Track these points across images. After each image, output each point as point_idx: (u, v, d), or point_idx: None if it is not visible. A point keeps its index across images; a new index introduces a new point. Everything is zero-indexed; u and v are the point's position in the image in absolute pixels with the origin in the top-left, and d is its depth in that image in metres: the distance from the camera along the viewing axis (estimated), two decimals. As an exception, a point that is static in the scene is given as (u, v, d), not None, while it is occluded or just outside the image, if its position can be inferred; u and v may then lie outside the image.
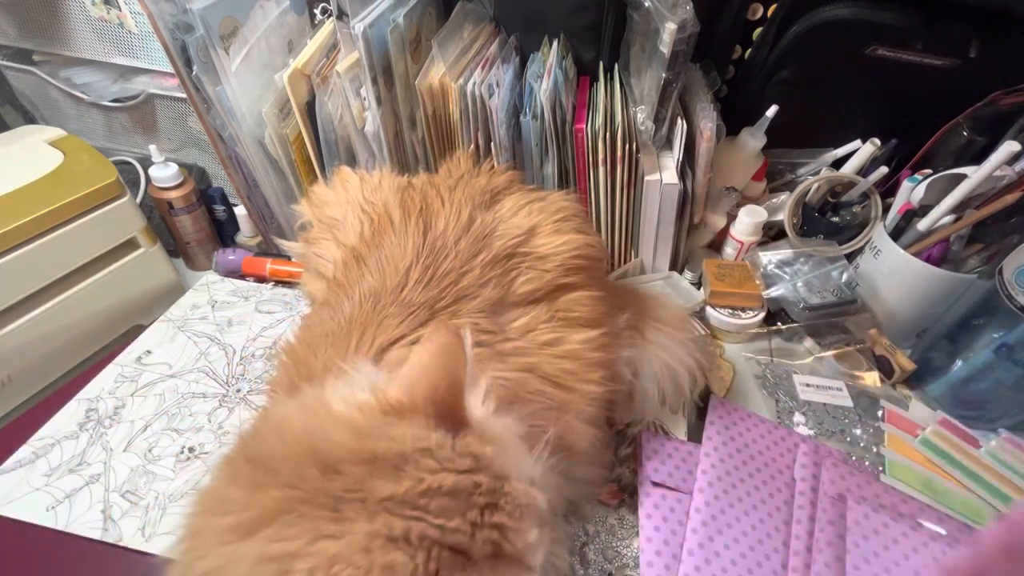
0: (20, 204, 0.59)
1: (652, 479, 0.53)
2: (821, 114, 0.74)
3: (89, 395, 0.61)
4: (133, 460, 0.55)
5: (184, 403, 0.61)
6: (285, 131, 0.69)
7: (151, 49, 0.74)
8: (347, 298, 0.44)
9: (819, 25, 0.64)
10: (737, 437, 0.57)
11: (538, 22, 0.69)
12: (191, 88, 0.63)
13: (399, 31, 0.63)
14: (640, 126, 0.62)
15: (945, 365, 0.63)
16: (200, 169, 0.84)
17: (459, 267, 0.44)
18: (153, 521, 0.51)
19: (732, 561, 0.48)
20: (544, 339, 0.45)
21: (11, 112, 0.87)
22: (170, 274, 0.75)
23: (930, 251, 0.63)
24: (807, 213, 0.75)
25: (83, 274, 0.65)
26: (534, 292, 0.46)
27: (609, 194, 0.68)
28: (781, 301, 0.70)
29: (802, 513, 0.51)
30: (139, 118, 0.82)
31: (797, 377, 0.66)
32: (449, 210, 0.47)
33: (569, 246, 0.49)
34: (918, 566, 0.47)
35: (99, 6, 0.71)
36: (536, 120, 0.62)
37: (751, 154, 0.74)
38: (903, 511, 0.52)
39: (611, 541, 0.50)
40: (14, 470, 0.54)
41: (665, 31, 0.55)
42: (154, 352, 0.66)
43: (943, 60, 0.64)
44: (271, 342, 0.68)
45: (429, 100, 0.65)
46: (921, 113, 0.70)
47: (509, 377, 0.41)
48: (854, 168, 0.72)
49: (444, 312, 0.42)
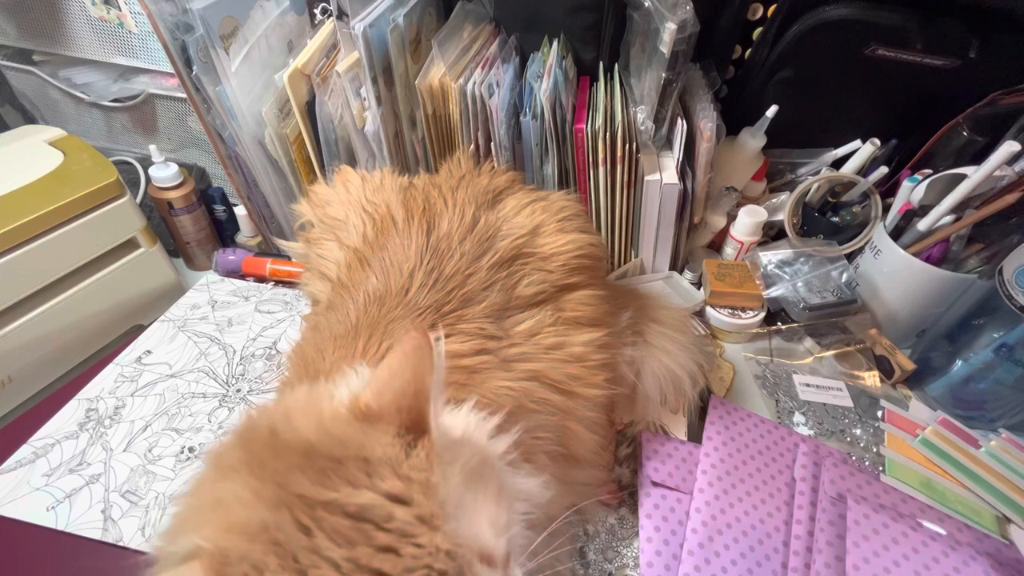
0: (20, 204, 0.59)
1: (652, 479, 0.53)
2: (821, 114, 0.74)
3: (89, 395, 0.61)
4: (133, 460, 0.55)
5: (184, 403, 0.61)
6: (285, 131, 0.69)
7: (151, 49, 0.74)
8: (352, 301, 0.43)
9: (819, 25, 0.64)
10: (737, 437, 0.57)
11: (538, 22, 0.69)
12: (191, 88, 0.63)
13: (399, 31, 0.63)
14: (640, 126, 0.62)
15: (945, 365, 0.63)
16: (200, 169, 0.84)
17: (464, 269, 0.44)
18: (153, 521, 0.51)
19: (732, 561, 0.48)
20: (549, 343, 0.45)
21: (11, 112, 0.87)
22: (170, 274, 0.75)
23: (930, 251, 0.63)
24: (807, 213, 0.75)
25: (83, 274, 0.65)
26: (538, 294, 0.46)
27: (609, 194, 0.68)
28: (781, 301, 0.70)
29: (802, 513, 0.51)
30: (139, 118, 0.82)
31: (797, 377, 0.66)
32: (453, 211, 0.47)
33: (573, 245, 0.49)
34: (918, 566, 0.47)
35: (99, 6, 0.71)
36: (536, 120, 0.62)
37: (751, 154, 0.74)
38: (903, 511, 0.52)
39: (611, 541, 0.50)
40: (14, 470, 0.54)
41: (665, 31, 0.55)
42: (154, 352, 0.66)
43: (943, 60, 0.64)
44: (271, 342, 0.68)
45: (429, 100, 0.65)
46: (921, 113, 0.70)
47: (515, 388, 0.41)
48: (854, 168, 0.72)
49: (450, 316, 0.42)
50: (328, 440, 0.27)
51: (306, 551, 0.24)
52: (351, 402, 0.30)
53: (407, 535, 0.25)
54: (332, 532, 0.24)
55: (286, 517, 0.25)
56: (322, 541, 0.24)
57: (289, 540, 0.24)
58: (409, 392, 0.28)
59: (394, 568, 0.24)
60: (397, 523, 0.25)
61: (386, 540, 0.25)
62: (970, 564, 0.47)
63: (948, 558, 0.48)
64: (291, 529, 0.24)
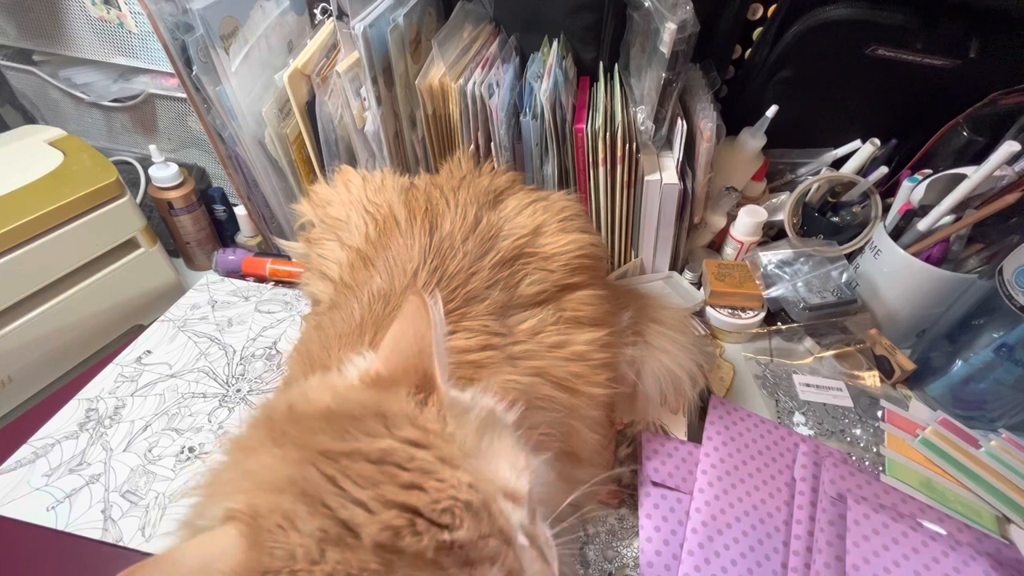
0: (20, 204, 0.59)
1: (652, 479, 0.53)
2: (821, 114, 0.74)
3: (89, 395, 0.61)
4: (133, 460, 0.55)
5: (184, 403, 0.61)
6: (285, 131, 0.69)
7: (151, 49, 0.74)
8: (356, 300, 0.44)
9: (819, 25, 0.64)
10: (737, 437, 0.57)
11: (538, 22, 0.69)
12: (191, 88, 0.63)
13: (399, 31, 0.63)
14: (640, 126, 0.62)
15: (945, 365, 0.63)
16: (200, 169, 0.84)
17: (467, 268, 0.44)
18: (153, 521, 0.51)
19: (732, 561, 0.48)
20: (551, 341, 0.45)
21: (11, 112, 0.87)
22: (170, 274, 0.75)
23: (930, 251, 0.63)
24: (807, 213, 0.75)
25: (83, 274, 0.65)
26: (540, 293, 0.47)
27: (609, 194, 0.68)
28: (781, 301, 0.70)
29: (802, 513, 0.51)
30: (139, 118, 0.82)
31: (797, 377, 0.66)
32: (455, 211, 0.47)
33: (575, 245, 0.49)
34: (918, 566, 0.47)
35: (99, 6, 0.71)
36: (536, 120, 0.62)
37: (751, 154, 0.74)
38: (903, 511, 0.52)
39: (611, 541, 0.50)
40: (14, 470, 0.54)
41: (665, 31, 0.55)
42: (154, 352, 0.66)
43: (943, 60, 0.64)
44: (271, 342, 0.68)
45: (429, 100, 0.65)
46: (921, 113, 0.70)
47: (522, 381, 0.41)
48: (854, 168, 0.72)
49: (455, 313, 0.42)
50: (346, 404, 0.29)
51: (333, 495, 0.25)
52: (363, 375, 0.31)
53: (429, 472, 0.26)
54: (357, 477, 0.25)
55: (311, 471, 0.26)
56: (348, 485, 0.25)
57: (316, 488, 0.25)
58: (414, 352, 0.30)
59: (419, 501, 0.25)
60: (419, 462, 0.26)
61: (409, 478, 0.25)
62: (970, 564, 0.47)
63: (948, 558, 0.48)
64: (317, 479, 0.25)
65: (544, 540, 0.30)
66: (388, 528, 0.24)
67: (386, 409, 0.28)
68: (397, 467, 0.26)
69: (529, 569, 0.27)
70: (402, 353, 0.30)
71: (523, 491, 0.28)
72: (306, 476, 0.25)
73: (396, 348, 0.31)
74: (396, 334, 0.31)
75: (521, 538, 0.28)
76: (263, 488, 0.26)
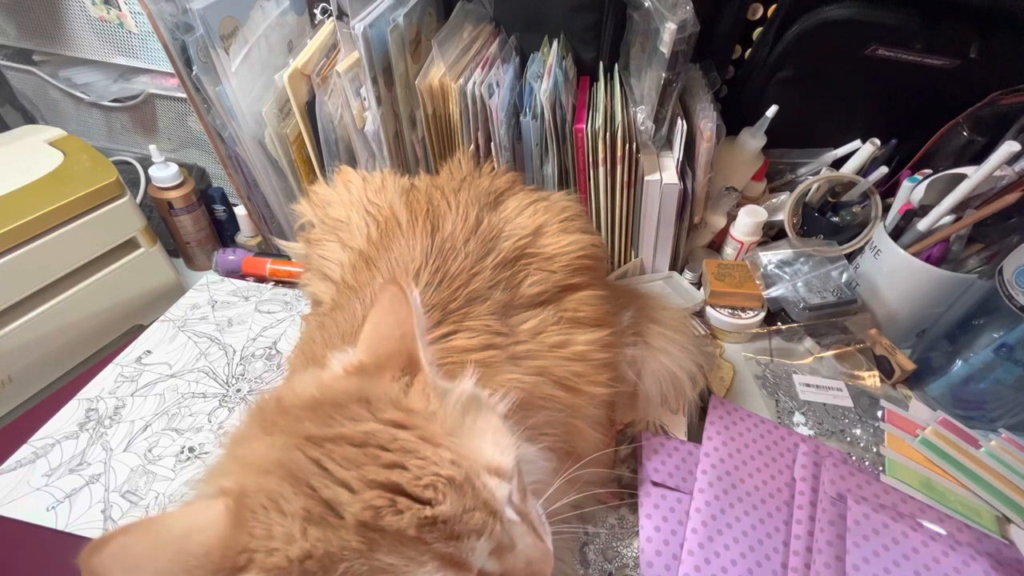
0: (20, 204, 0.59)
1: (652, 479, 0.53)
2: (821, 114, 0.74)
3: (89, 395, 0.61)
4: (133, 460, 0.55)
5: (184, 403, 0.61)
6: (285, 131, 0.68)
7: (151, 49, 0.74)
8: (359, 300, 0.44)
9: (819, 25, 0.64)
10: (737, 437, 0.57)
11: (538, 22, 0.69)
12: (191, 88, 0.63)
13: (399, 31, 0.63)
14: (640, 126, 0.62)
15: (945, 365, 0.63)
16: (200, 169, 0.84)
17: (469, 268, 0.44)
18: (153, 521, 0.51)
19: (732, 561, 0.48)
20: (553, 341, 0.45)
21: (11, 112, 0.86)
22: (170, 274, 0.75)
23: (930, 251, 0.63)
24: (807, 213, 0.75)
25: (83, 274, 0.65)
26: (541, 294, 0.47)
27: (609, 194, 0.68)
28: (781, 301, 0.70)
29: (802, 513, 0.51)
30: (139, 118, 0.82)
31: (797, 377, 0.66)
32: (456, 212, 0.47)
33: (576, 246, 0.49)
34: (918, 566, 0.47)
35: (99, 6, 0.71)
36: (536, 120, 0.62)
37: (751, 154, 0.74)
38: (903, 511, 0.52)
39: (611, 541, 0.50)
40: (14, 470, 0.54)
41: (665, 31, 0.55)
42: (154, 352, 0.66)
43: (943, 60, 0.64)
44: (271, 342, 0.68)
45: (429, 100, 0.65)
46: (921, 113, 0.70)
47: (525, 380, 0.41)
48: (854, 168, 0.72)
49: (457, 313, 0.42)
50: (330, 393, 0.30)
51: (317, 477, 0.26)
52: (346, 365, 0.32)
53: (411, 451, 0.27)
54: (341, 459, 0.26)
55: (297, 455, 0.27)
56: (331, 467, 0.26)
57: (301, 471, 0.26)
58: (395, 336, 0.31)
59: (402, 479, 0.26)
60: (401, 443, 0.27)
61: (392, 458, 0.26)
62: (970, 564, 0.47)
63: (948, 558, 0.48)
64: (303, 462, 0.26)
65: (536, 517, 0.31)
66: (370, 507, 0.25)
67: (369, 394, 0.29)
68: (380, 448, 0.27)
69: (520, 542, 0.28)
70: (384, 339, 0.31)
71: (508, 466, 0.29)
72: (292, 459, 0.26)
73: (377, 335, 0.31)
74: (376, 322, 0.32)
75: (510, 513, 0.28)
76: (252, 470, 0.27)
